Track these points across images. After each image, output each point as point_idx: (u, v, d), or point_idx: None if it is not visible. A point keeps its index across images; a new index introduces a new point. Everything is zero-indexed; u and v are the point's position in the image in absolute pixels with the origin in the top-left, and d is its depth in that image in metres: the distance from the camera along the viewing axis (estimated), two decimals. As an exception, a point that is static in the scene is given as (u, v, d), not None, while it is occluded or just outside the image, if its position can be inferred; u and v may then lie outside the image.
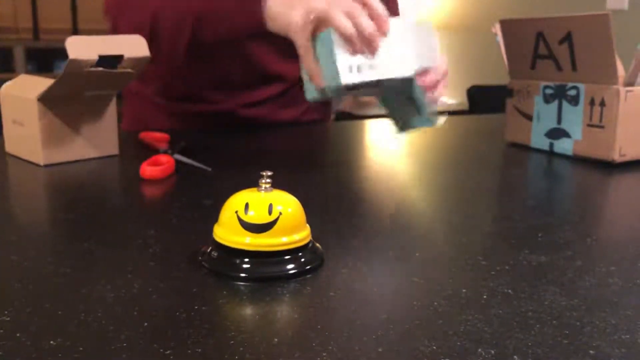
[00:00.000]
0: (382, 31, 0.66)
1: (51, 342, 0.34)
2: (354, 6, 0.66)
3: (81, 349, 0.33)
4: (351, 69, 0.65)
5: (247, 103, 1.02)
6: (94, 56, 0.68)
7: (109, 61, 0.70)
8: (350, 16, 0.64)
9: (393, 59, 0.68)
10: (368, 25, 0.64)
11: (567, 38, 0.84)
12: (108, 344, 0.34)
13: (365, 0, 0.66)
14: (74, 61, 0.66)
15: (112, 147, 0.80)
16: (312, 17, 0.66)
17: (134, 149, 0.84)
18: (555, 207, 0.64)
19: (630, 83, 0.81)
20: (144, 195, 0.65)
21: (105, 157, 0.79)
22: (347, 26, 0.64)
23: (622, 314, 0.39)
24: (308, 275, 0.44)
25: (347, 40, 0.64)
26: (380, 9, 0.67)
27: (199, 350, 0.34)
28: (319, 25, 0.67)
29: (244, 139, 0.94)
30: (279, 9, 0.72)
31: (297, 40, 0.68)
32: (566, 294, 0.42)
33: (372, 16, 0.66)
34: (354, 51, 0.64)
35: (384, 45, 0.67)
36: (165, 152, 0.78)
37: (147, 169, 0.69)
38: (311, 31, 0.67)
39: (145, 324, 0.36)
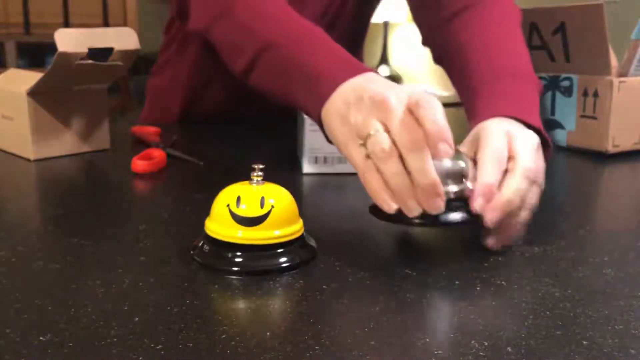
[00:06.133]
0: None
1: (40, 338, 0.34)
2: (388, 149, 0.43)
3: (70, 344, 0.33)
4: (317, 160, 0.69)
5: None
6: (83, 49, 0.67)
7: (99, 54, 0.70)
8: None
9: None
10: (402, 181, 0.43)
11: (561, 29, 0.83)
12: (98, 339, 0.34)
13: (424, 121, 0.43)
14: (63, 54, 0.66)
15: (103, 141, 0.79)
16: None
17: (125, 143, 0.83)
18: (549, 198, 0.64)
19: (623, 74, 0.81)
20: (135, 189, 0.64)
21: (97, 151, 0.78)
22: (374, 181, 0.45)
23: (615, 304, 0.39)
24: (301, 269, 0.44)
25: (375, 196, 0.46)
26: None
27: (190, 345, 0.33)
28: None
29: (236, 133, 0.93)
30: (330, 129, 0.52)
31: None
32: (559, 285, 0.42)
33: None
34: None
35: None
36: (156, 146, 0.77)
37: (139, 163, 0.68)
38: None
39: (136, 319, 0.36)
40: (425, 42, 0.79)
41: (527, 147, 0.48)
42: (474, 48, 0.67)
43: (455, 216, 0.44)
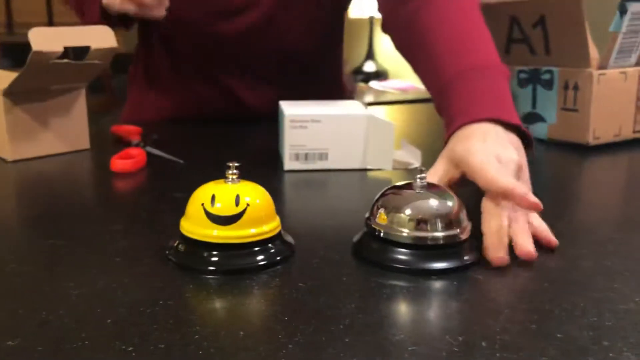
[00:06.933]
0: None
1: (9, 342, 0.33)
2: None
3: (40, 348, 0.32)
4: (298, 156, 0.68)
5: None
6: (58, 48, 0.66)
7: (75, 53, 0.69)
8: None
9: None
10: None
11: (541, 22, 0.84)
12: (68, 342, 0.33)
13: None
14: (38, 53, 0.65)
15: (82, 141, 0.78)
16: None
17: (105, 143, 0.82)
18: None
19: (603, 66, 0.81)
20: (113, 189, 0.64)
21: (76, 151, 0.77)
22: None
23: (590, 296, 0.39)
24: (278, 267, 0.43)
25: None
26: None
27: (162, 346, 0.33)
28: None
29: (219, 131, 0.92)
30: None
31: None
32: (536, 278, 0.42)
33: None
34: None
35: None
36: (137, 145, 0.76)
37: (118, 163, 0.67)
38: None
39: (108, 320, 0.35)
40: (385, 28, 0.79)
41: (509, 168, 0.49)
42: (436, 38, 0.66)
43: (444, 264, 0.42)
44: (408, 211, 0.43)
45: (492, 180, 0.47)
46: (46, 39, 0.66)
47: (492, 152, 0.50)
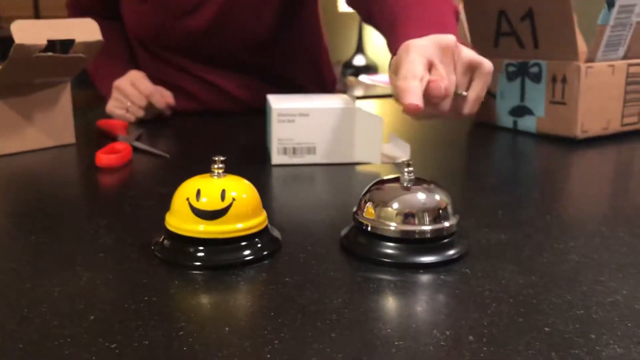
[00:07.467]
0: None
1: (-11, 340, 0.32)
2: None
3: (21, 346, 0.32)
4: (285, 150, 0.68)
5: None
6: (42, 41, 0.65)
7: (59, 46, 0.68)
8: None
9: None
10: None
11: (529, 15, 0.83)
12: (50, 340, 0.32)
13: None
14: (21, 46, 0.64)
15: (68, 135, 0.77)
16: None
17: (91, 137, 0.82)
18: (517, 184, 0.64)
19: (591, 59, 0.81)
20: (98, 184, 0.63)
21: (61, 146, 0.76)
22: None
23: (577, 290, 0.39)
24: (265, 262, 0.43)
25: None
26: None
27: (146, 342, 0.32)
28: None
29: (207, 126, 0.92)
30: None
31: None
32: (524, 272, 0.42)
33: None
34: None
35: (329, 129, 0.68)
36: (123, 140, 0.76)
37: (103, 157, 0.67)
38: None
39: (92, 317, 0.35)
40: (349, 2, 0.84)
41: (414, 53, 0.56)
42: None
43: (432, 258, 0.42)
44: (395, 205, 0.43)
45: (402, 72, 0.55)
46: (29, 32, 0.65)
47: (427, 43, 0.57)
